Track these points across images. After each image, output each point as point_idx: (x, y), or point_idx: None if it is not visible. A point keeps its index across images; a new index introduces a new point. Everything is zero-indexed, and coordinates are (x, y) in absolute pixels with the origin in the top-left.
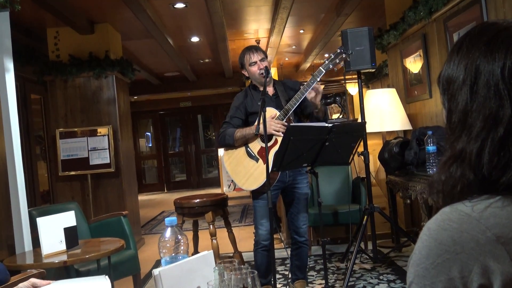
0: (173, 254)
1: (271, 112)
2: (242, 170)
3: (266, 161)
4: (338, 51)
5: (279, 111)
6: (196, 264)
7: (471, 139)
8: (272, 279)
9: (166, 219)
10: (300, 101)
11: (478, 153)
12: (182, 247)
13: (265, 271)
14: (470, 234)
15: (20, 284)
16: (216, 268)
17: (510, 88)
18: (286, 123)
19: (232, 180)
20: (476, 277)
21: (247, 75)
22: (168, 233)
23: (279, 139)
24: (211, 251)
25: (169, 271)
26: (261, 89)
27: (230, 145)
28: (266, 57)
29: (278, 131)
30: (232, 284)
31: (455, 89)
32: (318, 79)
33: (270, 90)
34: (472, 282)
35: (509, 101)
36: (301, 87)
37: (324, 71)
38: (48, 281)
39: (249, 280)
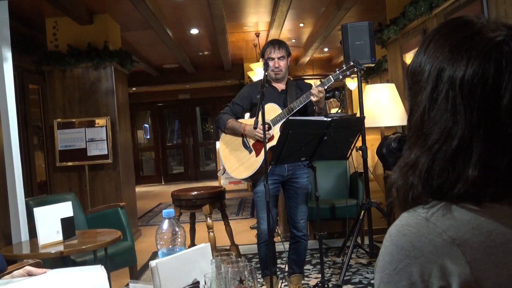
0: (170, 246)
1: (273, 108)
2: (234, 158)
3: (264, 155)
4: (351, 63)
5: (282, 109)
6: (193, 256)
7: (425, 150)
8: (268, 272)
9: (164, 211)
10: (304, 103)
11: (430, 166)
12: (179, 239)
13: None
14: (427, 238)
15: (15, 272)
16: (213, 260)
17: (467, 104)
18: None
19: (223, 166)
20: (436, 280)
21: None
22: (165, 225)
23: (276, 136)
24: (209, 243)
25: (166, 263)
26: (273, 84)
27: (220, 130)
28: (289, 55)
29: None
30: (229, 277)
31: (418, 89)
32: (326, 87)
33: (281, 86)
34: (432, 285)
35: (463, 118)
36: (308, 92)
37: (333, 81)
38: (43, 270)
39: (246, 273)
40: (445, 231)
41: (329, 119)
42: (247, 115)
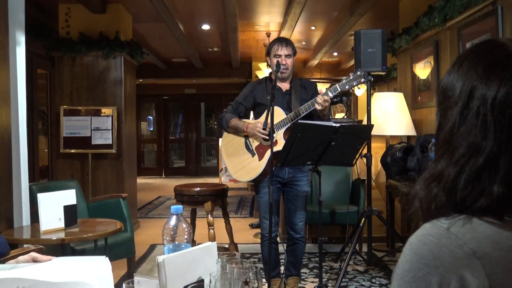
0: (176, 243)
1: (277, 111)
2: (237, 159)
3: (270, 157)
4: (358, 73)
5: (286, 113)
6: (199, 254)
7: (451, 162)
8: (268, 272)
9: (172, 207)
10: (309, 111)
11: (455, 178)
12: (185, 236)
13: (272, 263)
14: (448, 248)
15: (20, 257)
16: (219, 260)
17: (497, 122)
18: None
19: (224, 165)
20: None
21: (269, 63)
22: (173, 220)
23: (279, 141)
24: (215, 242)
25: (173, 259)
26: (277, 82)
27: (223, 128)
28: (295, 54)
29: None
30: (234, 277)
31: (448, 105)
32: (332, 96)
33: (285, 86)
34: None
35: (493, 134)
36: (314, 99)
37: (339, 90)
38: (48, 257)
39: (250, 274)
40: (466, 243)
41: (338, 124)
42: (252, 116)
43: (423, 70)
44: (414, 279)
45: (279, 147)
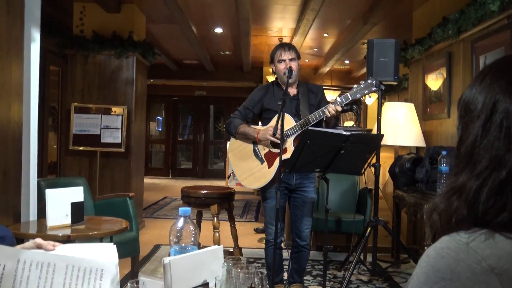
0: (183, 245)
1: (286, 118)
2: (245, 166)
3: (279, 164)
4: (370, 82)
5: (295, 121)
6: (206, 257)
7: (473, 175)
8: (272, 278)
9: (181, 209)
10: (319, 119)
11: (477, 191)
12: (192, 239)
13: (276, 269)
14: (466, 263)
15: (26, 244)
16: (225, 264)
17: None
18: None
19: (232, 171)
20: None
21: (274, 70)
22: (181, 222)
23: (289, 149)
24: (221, 246)
25: (179, 261)
26: (284, 88)
27: (231, 134)
28: (298, 57)
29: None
30: (239, 282)
31: (470, 119)
32: (343, 105)
33: (292, 91)
34: None
35: None
36: (324, 107)
37: (350, 99)
38: (53, 243)
39: (256, 280)
40: (485, 258)
41: (348, 133)
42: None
43: (435, 82)
44: None
45: (288, 154)
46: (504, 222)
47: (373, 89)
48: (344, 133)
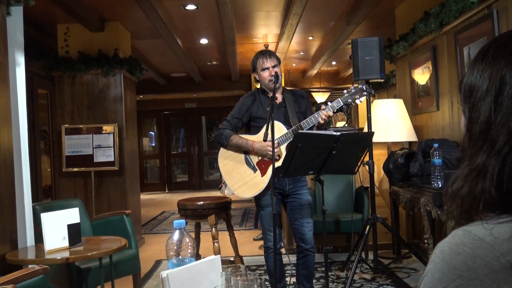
0: (180, 257)
1: (278, 126)
2: (237, 175)
3: (272, 170)
4: (360, 87)
5: (287, 128)
6: (203, 268)
7: (493, 153)
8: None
9: (175, 222)
10: (310, 126)
11: (500, 169)
12: (189, 250)
13: (278, 275)
14: (483, 260)
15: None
16: (223, 273)
17: None
18: (279, 155)
19: (224, 182)
20: None
21: (257, 78)
22: (176, 235)
23: (282, 156)
24: (219, 255)
25: (177, 274)
26: (270, 95)
27: (222, 146)
28: (279, 63)
29: (270, 155)
30: None
31: (477, 98)
32: (335, 111)
33: (278, 97)
34: None
35: None
36: (316, 113)
37: (341, 104)
38: None
39: (255, 286)
40: (504, 254)
41: (339, 133)
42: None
43: (422, 76)
44: None
45: (281, 162)
46: None
47: (364, 93)
48: (335, 133)
